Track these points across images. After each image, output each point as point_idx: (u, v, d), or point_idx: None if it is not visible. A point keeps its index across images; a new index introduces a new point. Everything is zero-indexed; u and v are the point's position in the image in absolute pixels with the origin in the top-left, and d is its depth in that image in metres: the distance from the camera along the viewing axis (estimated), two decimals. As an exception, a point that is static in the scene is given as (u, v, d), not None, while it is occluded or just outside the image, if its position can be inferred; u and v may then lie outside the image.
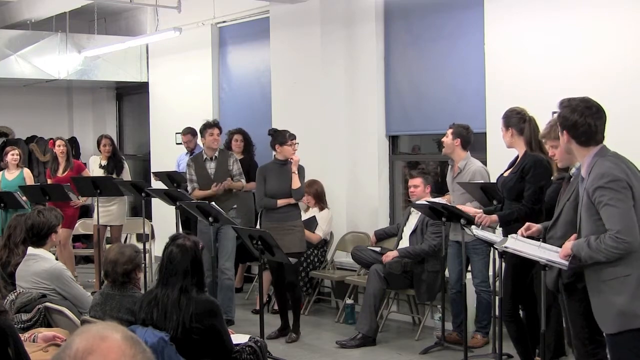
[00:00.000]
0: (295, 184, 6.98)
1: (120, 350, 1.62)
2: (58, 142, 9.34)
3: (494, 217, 5.58)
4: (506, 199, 5.58)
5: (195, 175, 7.52)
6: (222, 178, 7.40)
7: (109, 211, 8.91)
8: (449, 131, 6.53)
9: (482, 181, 6.33)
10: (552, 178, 5.26)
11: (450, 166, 6.64)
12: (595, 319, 3.85)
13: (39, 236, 5.07)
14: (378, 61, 8.26)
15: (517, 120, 5.58)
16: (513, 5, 7.01)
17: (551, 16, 6.72)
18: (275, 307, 7.96)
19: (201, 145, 8.32)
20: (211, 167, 7.51)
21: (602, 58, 6.37)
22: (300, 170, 7.07)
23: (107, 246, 8.09)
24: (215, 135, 7.52)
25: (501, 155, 6.22)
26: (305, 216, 7.75)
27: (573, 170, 4.54)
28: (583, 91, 3.99)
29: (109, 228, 9.23)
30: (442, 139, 6.62)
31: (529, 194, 5.39)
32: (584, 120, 3.80)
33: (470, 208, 6.01)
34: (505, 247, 4.40)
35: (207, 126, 7.57)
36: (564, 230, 4.38)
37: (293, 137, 7.03)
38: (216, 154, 7.55)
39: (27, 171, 9.52)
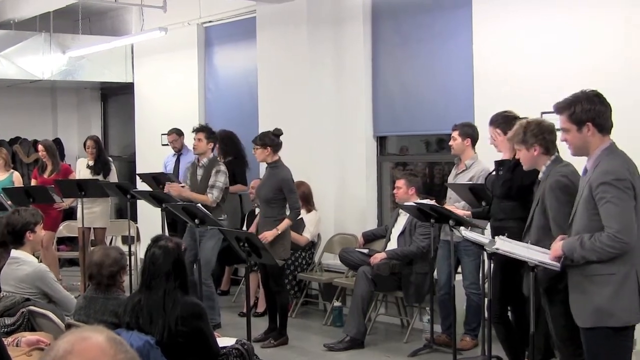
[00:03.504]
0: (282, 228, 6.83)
1: (100, 349, 1.66)
2: (39, 147, 9.27)
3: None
4: (495, 197, 5.54)
5: (189, 180, 7.48)
6: (205, 187, 7.30)
7: (92, 212, 8.80)
8: (455, 133, 6.40)
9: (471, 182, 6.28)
10: (538, 178, 5.22)
11: (455, 164, 6.57)
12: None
13: (14, 234, 5.02)
14: (366, 61, 8.22)
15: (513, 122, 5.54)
16: (501, 5, 6.99)
17: (540, 16, 6.70)
18: (258, 310, 7.91)
19: (189, 146, 8.35)
20: (199, 173, 7.44)
21: (591, 58, 6.34)
22: (285, 183, 6.81)
23: (92, 248, 7.99)
24: (196, 140, 7.44)
25: (489, 155, 6.18)
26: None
27: (540, 175, 4.52)
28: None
29: (92, 230, 9.12)
30: (450, 143, 6.47)
31: (505, 189, 5.31)
32: (605, 108, 3.79)
33: (459, 210, 5.97)
34: (497, 249, 4.37)
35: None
36: (537, 235, 4.38)
37: (255, 140, 6.97)
38: (204, 161, 7.42)
39: (17, 175, 9.37)
